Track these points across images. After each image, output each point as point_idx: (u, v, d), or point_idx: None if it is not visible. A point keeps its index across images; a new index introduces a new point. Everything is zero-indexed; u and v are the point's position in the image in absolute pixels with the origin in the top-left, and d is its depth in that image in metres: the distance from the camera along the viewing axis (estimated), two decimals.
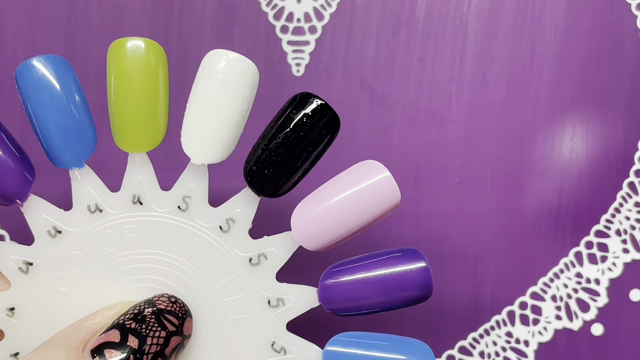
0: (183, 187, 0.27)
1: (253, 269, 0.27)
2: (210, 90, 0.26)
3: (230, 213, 0.27)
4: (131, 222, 0.27)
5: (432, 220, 0.36)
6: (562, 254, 0.36)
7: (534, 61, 0.36)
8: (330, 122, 0.26)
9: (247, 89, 0.26)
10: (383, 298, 0.26)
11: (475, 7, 0.36)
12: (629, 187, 0.36)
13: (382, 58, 0.36)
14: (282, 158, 0.26)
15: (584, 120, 0.36)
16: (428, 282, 0.26)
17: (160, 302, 0.25)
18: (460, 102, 0.36)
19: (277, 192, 0.26)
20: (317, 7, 0.36)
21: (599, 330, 0.36)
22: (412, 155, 0.36)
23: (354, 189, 0.26)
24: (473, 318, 0.36)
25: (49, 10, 0.36)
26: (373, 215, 0.26)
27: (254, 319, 0.27)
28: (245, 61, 0.26)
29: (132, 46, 0.26)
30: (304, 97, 0.26)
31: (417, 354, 0.26)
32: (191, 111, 0.26)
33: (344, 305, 0.26)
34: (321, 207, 0.26)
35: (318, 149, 0.26)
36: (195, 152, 0.26)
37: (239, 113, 0.26)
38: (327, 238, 0.26)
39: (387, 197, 0.26)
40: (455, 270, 0.36)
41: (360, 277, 0.26)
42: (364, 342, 0.26)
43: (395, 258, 0.26)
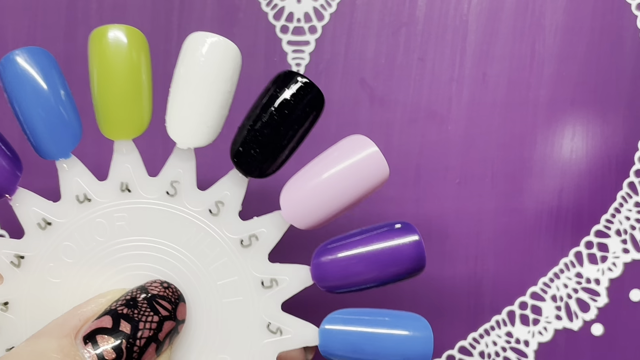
0: (171, 172, 0.27)
1: (245, 250, 0.27)
2: (192, 73, 0.26)
3: (219, 196, 0.27)
4: (120, 210, 0.27)
5: (432, 220, 0.36)
6: (562, 254, 0.36)
7: (534, 61, 0.36)
8: (315, 99, 0.26)
9: (230, 70, 0.26)
10: (377, 273, 0.26)
11: (475, 7, 0.36)
12: (629, 187, 0.36)
13: (382, 58, 0.36)
14: (268, 138, 0.26)
15: (584, 120, 0.36)
16: (421, 256, 0.26)
17: (153, 288, 0.25)
18: (460, 102, 0.36)
19: (265, 172, 0.26)
20: (317, 7, 0.36)
21: (599, 330, 0.36)
22: (412, 155, 0.36)
23: (342, 165, 0.26)
24: (473, 318, 0.36)
25: (49, 10, 0.36)
26: (362, 190, 0.26)
27: (248, 301, 0.26)
28: (227, 42, 0.26)
29: (113, 34, 0.26)
30: (287, 76, 0.26)
31: (416, 328, 0.26)
32: (175, 95, 0.26)
33: (338, 282, 0.26)
34: (310, 185, 0.26)
35: (304, 127, 0.26)
36: (180, 136, 0.26)
37: (223, 95, 0.26)
38: (317, 216, 0.26)
39: (376, 172, 0.26)
40: (455, 270, 0.36)
41: (353, 253, 0.26)
42: (361, 319, 0.26)
43: (388, 232, 0.26)
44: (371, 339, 0.26)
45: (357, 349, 0.26)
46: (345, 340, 0.26)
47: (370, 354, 0.26)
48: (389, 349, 0.26)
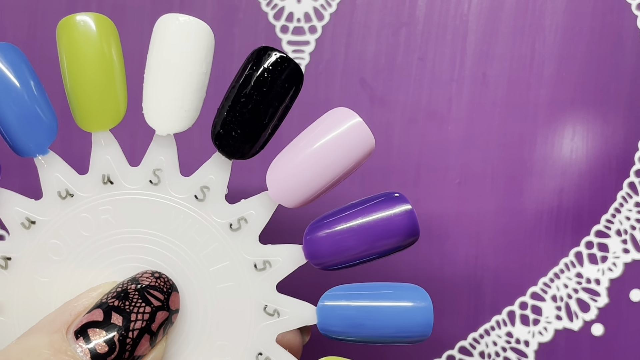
0: (152, 160, 0.26)
1: (234, 234, 0.26)
2: (165, 56, 0.25)
3: (203, 181, 0.26)
4: (105, 203, 0.26)
5: (432, 220, 0.36)
6: (563, 254, 0.36)
7: (534, 61, 0.36)
8: (293, 74, 0.25)
9: (203, 50, 0.25)
10: (370, 246, 0.25)
11: (476, 7, 0.36)
12: (629, 187, 0.36)
13: (382, 58, 0.36)
14: (247, 117, 0.25)
15: (584, 120, 0.36)
16: (414, 225, 0.25)
17: (144, 279, 0.25)
18: (460, 102, 0.36)
19: (248, 153, 0.26)
20: (317, 7, 0.36)
21: (599, 330, 0.36)
22: (412, 155, 0.36)
23: (326, 139, 0.25)
24: (473, 318, 0.36)
25: (49, 10, 0.36)
26: (348, 163, 0.25)
27: (242, 285, 0.26)
28: (197, 22, 0.25)
29: (80, 22, 0.26)
30: (262, 52, 0.25)
31: (415, 298, 0.25)
32: (149, 81, 0.26)
33: (331, 258, 0.26)
34: (294, 162, 0.25)
35: (284, 103, 0.25)
36: (158, 122, 0.26)
37: (198, 77, 0.25)
38: (304, 192, 0.25)
39: (361, 143, 0.25)
40: (455, 270, 0.36)
41: (344, 228, 0.25)
42: (359, 294, 0.26)
43: (379, 204, 0.25)
44: (370, 313, 0.25)
45: (356, 324, 0.25)
46: (343, 315, 0.25)
47: (370, 328, 0.25)
48: (388, 321, 0.25)
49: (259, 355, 0.26)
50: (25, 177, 0.30)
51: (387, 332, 0.25)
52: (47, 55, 0.36)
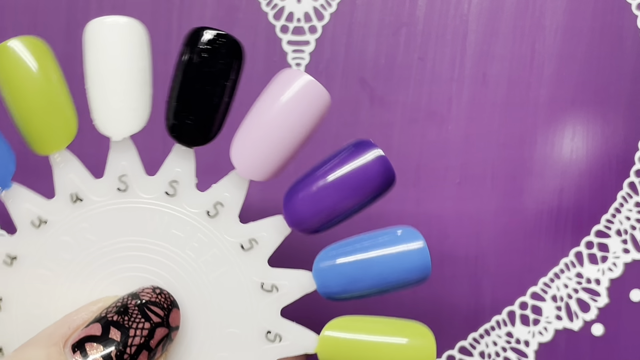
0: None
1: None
2: (99, 61, 0.25)
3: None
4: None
5: (432, 220, 0.36)
6: (563, 254, 0.36)
7: (534, 61, 0.36)
8: (230, 48, 0.25)
9: (136, 47, 0.25)
10: (350, 198, 0.25)
11: (476, 7, 0.36)
12: (630, 187, 0.36)
13: (382, 58, 0.36)
14: (196, 101, 0.25)
15: (584, 120, 0.36)
16: (387, 168, 0.25)
17: (145, 294, 0.24)
18: (460, 102, 0.36)
19: (208, 137, 0.25)
20: (317, 7, 0.36)
21: (599, 330, 0.36)
22: (412, 155, 0.36)
23: (280, 104, 0.25)
24: (473, 318, 0.36)
25: (49, 10, 0.36)
26: (308, 123, 0.25)
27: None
28: (125, 20, 0.25)
29: (12, 49, 0.25)
30: (195, 33, 0.25)
31: (407, 240, 0.25)
32: (91, 89, 0.25)
33: (314, 219, 0.25)
34: (254, 134, 0.25)
35: (230, 79, 0.25)
36: (111, 128, 0.25)
37: (137, 74, 0.25)
38: (272, 162, 0.25)
39: (316, 100, 0.25)
40: (455, 270, 0.36)
41: (321, 185, 0.25)
42: (351, 248, 0.25)
43: (349, 156, 0.25)
44: (366, 265, 0.25)
45: (355, 279, 0.25)
46: (340, 273, 0.25)
47: (370, 279, 0.25)
48: (386, 269, 0.25)
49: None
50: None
51: (387, 280, 0.25)
52: None
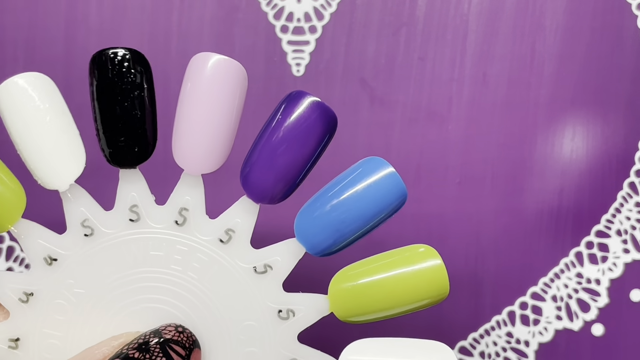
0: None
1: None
2: (17, 122, 0.25)
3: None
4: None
5: (432, 220, 0.36)
6: (563, 254, 0.36)
7: (534, 61, 0.36)
8: (133, 58, 0.25)
9: (48, 96, 0.25)
10: (300, 153, 0.25)
11: (476, 7, 0.36)
12: (630, 187, 0.36)
13: (382, 58, 0.36)
14: (121, 121, 0.25)
15: (584, 120, 0.36)
16: (326, 112, 0.25)
17: (167, 332, 0.24)
18: (460, 102, 0.36)
19: (147, 151, 0.25)
20: (317, 6, 0.36)
21: (599, 330, 0.36)
22: (412, 155, 0.36)
23: (199, 89, 0.25)
24: (473, 318, 0.36)
25: (49, 10, 0.36)
26: (232, 100, 0.25)
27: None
28: (28, 76, 0.25)
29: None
30: (97, 58, 0.25)
31: (375, 170, 0.25)
32: (22, 152, 0.25)
33: (277, 185, 0.25)
34: (187, 127, 0.25)
35: (144, 87, 0.25)
36: (55, 181, 0.25)
37: (58, 120, 0.25)
38: (213, 150, 0.25)
39: (233, 76, 0.25)
40: (455, 270, 0.36)
41: (271, 149, 0.25)
42: (323, 198, 0.25)
43: (285, 111, 0.25)
44: (343, 206, 0.25)
45: (338, 224, 0.25)
46: (322, 225, 0.25)
47: (353, 220, 0.25)
48: (364, 206, 0.24)
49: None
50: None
51: (370, 214, 0.25)
52: (47, 57, 0.36)
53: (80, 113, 0.28)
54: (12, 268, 0.36)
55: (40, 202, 0.27)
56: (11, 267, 0.36)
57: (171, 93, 0.34)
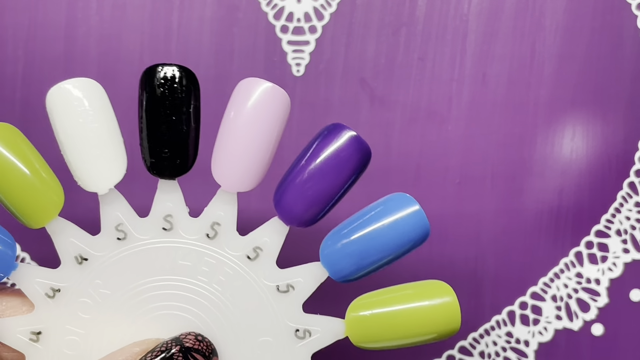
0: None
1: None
2: (66, 124, 0.26)
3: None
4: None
5: (432, 220, 0.36)
6: (563, 254, 0.36)
7: (534, 61, 0.36)
8: (187, 78, 0.26)
9: (96, 103, 0.26)
10: (333, 181, 0.26)
11: (476, 7, 0.36)
12: (630, 187, 0.36)
13: (382, 58, 0.36)
14: (167, 134, 0.26)
15: (584, 120, 0.36)
16: (362, 146, 0.26)
17: (187, 340, 0.25)
18: (460, 102, 0.36)
19: (186, 165, 0.26)
20: (317, 7, 0.36)
21: (599, 330, 0.36)
22: (412, 155, 0.36)
23: (246, 112, 0.26)
24: (473, 318, 0.36)
25: (49, 10, 0.36)
26: (275, 126, 0.26)
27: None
28: (81, 81, 0.26)
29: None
30: (150, 73, 0.26)
31: (403, 206, 0.26)
32: (67, 153, 0.26)
33: (308, 211, 0.26)
34: (230, 148, 0.26)
35: (192, 104, 0.26)
36: (95, 183, 0.26)
37: (106, 126, 0.26)
38: (252, 171, 0.26)
39: (278, 103, 0.26)
40: (455, 271, 0.36)
41: (304, 177, 0.26)
42: (350, 228, 0.26)
43: (322, 142, 0.26)
44: (368, 240, 0.26)
45: (362, 256, 0.26)
46: (347, 254, 0.26)
47: (376, 252, 0.26)
48: (389, 238, 0.26)
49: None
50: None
51: (392, 249, 0.26)
52: (48, 56, 0.36)
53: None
54: None
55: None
56: None
57: None
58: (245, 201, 0.28)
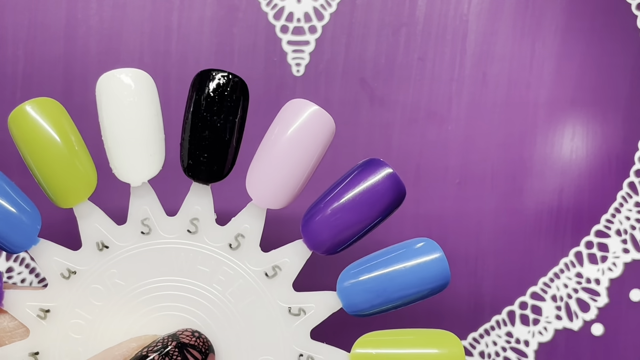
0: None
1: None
2: (114, 112, 0.26)
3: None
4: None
5: (432, 220, 0.36)
6: (562, 254, 0.36)
7: (534, 61, 0.36)
8: (237, 87, 0.26)
9: (147, 95, 0.26)
10: (364, 216, 0.26)
11: (475, 7, 0.36)
12: (629, 187, 0.36)
13: (382, 58, 0.36)
14: (209, 139, 0.26)
15: (584, 120, 0.36)
16: (397, 184, 0.26)
17: (184, 337, 0.25)
18: (460, 102, 0.36)
19: (222, 173, 0.26)
20: (317, 7, 0.36)
21: (599, 330, 0.36)
22: (412, 155, 0.36)
23: (290, 133, 0.26)
24: (473, 318, 0.36)
25: (49, 10, 0.36)
26: (317, 149, 0.26)
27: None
28: (134, 72, 0.26)
29: (29, 111, 0.26)
30: (203, 76, 0.26)
31: (426, 252, 0.26)
32: (108, 140, 0.26)
33: (332, 241, 0.26)
34: (268, 165, 0.26)
35: (238, 116, 0.26)
36: (130, 175, 0.26)
37: (151, 120, 0.26)
38: (287, 190, 0.26)
39: (323, 127, 0.26)
40: (455, 270, 0.36)
41: (335, 207, 0.26)
42: (372, 265, 0.26)
43: (359, 175, 0.26)
44: (388, 279, 0.26)
45: (379, 294, 0.26)
46: (364, 290, 0.26)
47: (393, 292, 0.26)
48: (408, 281, 0.26)
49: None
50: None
51: (410, 291, 0.26)
52: (48, 56, 0.36)
53: (80, 113, 0.28)
54: (12, 268, 0.36)
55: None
56: (11, 267, 0.36)
57: (171, 93, 0.34)
58: None
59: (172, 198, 0.29)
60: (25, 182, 0.27)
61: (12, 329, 0.27)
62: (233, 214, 0.27)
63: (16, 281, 0.36)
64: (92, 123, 0.28)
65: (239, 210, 0.27)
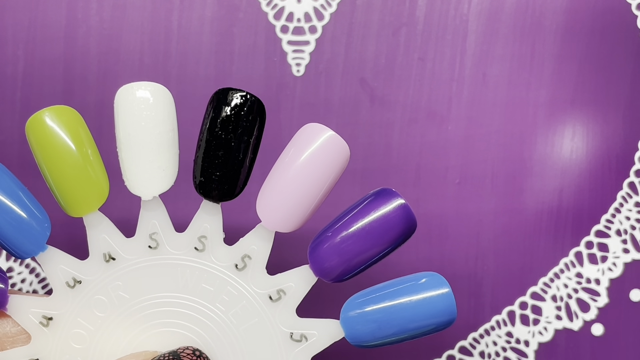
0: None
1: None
2: (129, 124, 0.26)
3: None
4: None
5: (432, 220, 0.36)
6: (562, 254, 0.36)
7: (534, 61, 0.36)
8: (255, 107, 0.26)
9: (164, 110, 0.26)
10: (373, 246, 0.26)
11: (476, 7, 0.36)
12: (629, 187, 0.36)
13: (382, 58, 0.36)
14: (223, 158, 0.26)
15: (584, 120, 0.36)
16: (409, 216, 0.26)
17: (185, 355, 0.25)
18: (460, 102, 0.36)
19: (234, 192, 0.26)
20: (317, 7, 0.36)
21: (599, 330, 0.36)
22: (412, 155, 0.36)
23: (304, 157, 0.26)
24: (473, 318, 0.36)
25: (49, 10, 0.36)
26: (331, 175, 0.26)
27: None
28: (153, 86, 0.26)
29: (47, 119, 0.26)
30: (221, 94, 0.26)
31: (433, 286, 0.26)
32: (123, 153, 0.26)
33: (339, 268, 0.26)
34: (280, 188, 0.26)
35: (253, 136, 0.26)
36: (141, 188, 0.26)
37: (166, 134, 0.26)
38: (297, 214, 0.26)
39: (337, 153, 0.26)
40: (455, 270, 0.36)
41: (344, 235, 0.26)
42: (377, 296, 0.26)
43: (370, 204, 0.26)
44: (393, 312, 0.26)
45: (383, 326, 0.26)
46: (368, 322, 0.26)
47: (397, 325, 0.26)
48: (413, 315, 0.25)
49: None
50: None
51: (415, 326, 0.26)
52: (48, 56, 0.36)
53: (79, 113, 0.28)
54: (12, 268, 0.36)
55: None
56: (11, 267, 0.36)
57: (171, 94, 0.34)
58: None
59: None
60: (25, 183, 0.27)
61: (15, 334, 0.27)
62: (238, 226, 0.27)
63: (16, 281, 0.36)
64: (92, 123, 0.28)
65: (244, 223, 0.27)
